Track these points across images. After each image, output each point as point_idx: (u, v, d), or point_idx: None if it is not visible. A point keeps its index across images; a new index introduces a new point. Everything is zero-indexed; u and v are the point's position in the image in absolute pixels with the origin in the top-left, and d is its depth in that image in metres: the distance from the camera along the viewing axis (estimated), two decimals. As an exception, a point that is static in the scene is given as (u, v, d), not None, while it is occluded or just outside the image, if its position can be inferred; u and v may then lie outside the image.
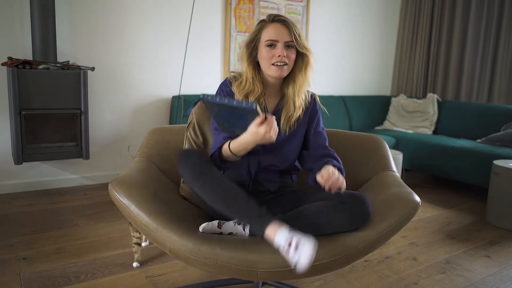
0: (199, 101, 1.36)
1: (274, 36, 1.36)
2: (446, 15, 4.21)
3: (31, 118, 2.57)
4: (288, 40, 1.36)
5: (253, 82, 1.41)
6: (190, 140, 1.65)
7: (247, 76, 1.43)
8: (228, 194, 1.25)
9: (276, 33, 1.36)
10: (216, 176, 1.27)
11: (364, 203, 1.24)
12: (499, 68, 3.83)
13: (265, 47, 1.38)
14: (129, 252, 1.98)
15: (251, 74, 1.42)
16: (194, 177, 1.27)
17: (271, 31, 1.37)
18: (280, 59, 1.35)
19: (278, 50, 1.36)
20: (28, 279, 1.68)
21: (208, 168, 1.28)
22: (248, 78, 1.42)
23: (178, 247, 1.20)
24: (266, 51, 1.37)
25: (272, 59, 1.36)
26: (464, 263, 2.04)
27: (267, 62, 1.38)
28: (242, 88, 1.42)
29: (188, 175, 1.28)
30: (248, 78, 1.42)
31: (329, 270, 1.21)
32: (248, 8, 3.50)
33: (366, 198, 1.26)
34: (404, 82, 4.59)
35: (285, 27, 1.37)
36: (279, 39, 1.36)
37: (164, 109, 3.27)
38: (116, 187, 1.34)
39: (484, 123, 3.61)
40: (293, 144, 1.49)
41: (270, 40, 1.36)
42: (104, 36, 2.94)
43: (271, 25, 1.38)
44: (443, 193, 3.31)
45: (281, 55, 1.35)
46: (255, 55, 1.43)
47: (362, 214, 1.24)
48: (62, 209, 2.54)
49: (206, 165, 1.29)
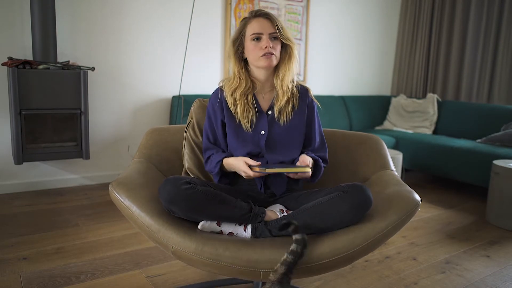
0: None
1: (258, 29, 1.41)
2: (446, 15, 4.21)
3: (31, 118, 2.57)
4: (272, 31, 1.41)
5: (240, 77, 1.47)
6: (190, 140, 1.65)
7: (234, 72, 1.49)
8: (217, 203, 1.28)
9: (260, 26, 1.41)
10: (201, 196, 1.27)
11: (365, 191, 1.24)
12: (499, 68, 3.83)
13: (251, 42, 1.43)
14: (129, 252, 1.98)
15: (237, 69, 1.48)
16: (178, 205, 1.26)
17: (255, 25, 1.42)
18: (267, 50, 1.40)
19: (264, 42, 1.40)
20: (28, 279, 1.68)
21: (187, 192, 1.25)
22: (235, 74, 1.48)
23: (181, 248, 1.19)
24: (253, 45, 1.42)
25: (260, 51, 1.41)
26: (464, 263, 2.04)
27: (255, 55, 1.42)
28: (230, 84, 1.48)
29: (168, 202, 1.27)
30: (235, 73, 1.48)
31: (331, 269, 1.21)
32: (248, 8, 3.50)
33: (365, 186, 1.26)
34: (404, 82, 4.59)
35: (267, 20, 1.42)
36: (264, 32, 1.41)
37: (164, 109, 3.27)
38: (117, 188, 1.34)
39: (484, 123, 3.61)
40: (295, 134, 1.50)
41: (255, 33, 1.41)
42: (104, 36, 2.94)
43: (254, 19, 1.44)
44: (443, 193, 3.31)
45: (267, 45, 1.39)
46: (241, 51, 1.48)
47: (364, 201, 1.23)
48: (62, 209, 2.54)
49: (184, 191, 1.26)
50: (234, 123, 1.48)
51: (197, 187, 1.26)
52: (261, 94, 1.52)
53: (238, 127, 1.47)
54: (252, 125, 1.46)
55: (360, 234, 1.21)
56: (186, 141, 1.65)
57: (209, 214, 1.28)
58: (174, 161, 1.67)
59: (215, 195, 1.28)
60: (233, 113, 1.47)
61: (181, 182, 1.25)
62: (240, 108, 1.45)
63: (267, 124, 1.48)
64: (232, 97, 1.47)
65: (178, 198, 1.23)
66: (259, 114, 1.48)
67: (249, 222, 1.31)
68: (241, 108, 1.45)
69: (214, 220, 1.30)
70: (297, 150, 1.51)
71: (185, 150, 1.65)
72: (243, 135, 1.47)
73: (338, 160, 1.69)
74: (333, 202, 1.24)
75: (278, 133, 1.48)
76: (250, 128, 1.46)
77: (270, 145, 1.47)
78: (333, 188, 1.31)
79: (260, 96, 1.52)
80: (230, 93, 1.47)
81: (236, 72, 1.48)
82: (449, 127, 3.89)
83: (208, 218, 1.29)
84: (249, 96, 1.48)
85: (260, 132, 1.47)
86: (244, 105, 1.45)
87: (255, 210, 1.32)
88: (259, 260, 1.15)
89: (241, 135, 1.47)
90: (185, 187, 1.24)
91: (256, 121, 1.47)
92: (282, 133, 1.47)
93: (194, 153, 1.63)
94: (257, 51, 1.41)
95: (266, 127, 1.47)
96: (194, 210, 1.26)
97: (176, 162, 1.67)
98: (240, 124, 1.47)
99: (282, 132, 1.47)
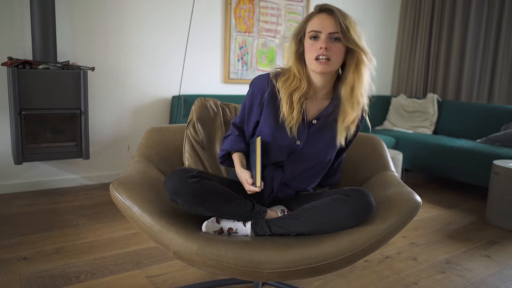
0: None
1: (317, 27, 1.24)
2: (446, 15, 4.20)
3: (31, 118, 2.57)
4: (332, 31, 1.23)
5: (301, 78, 1.30)
6: (190, 138, 1.65)
7: (293, 71, 1.32)
8: (220, 200, 1.27)
9: (320, 24, 1.24)
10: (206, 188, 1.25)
11: (367, 195, 1.22)
12: (499, 68, 3.83)
13: (308, 40, 1.27)
14: (129, 252, 1.98)
15: (297, 69, 1.31)
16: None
17: (315, 22, 1.26)
18: (321, 52, 1.22)
19: (320, 42, 1.23)
20: (28, 279, 1.68)
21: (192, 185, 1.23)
22: (295, 74, 1.31)
23: (183, 249, 1.19)
24: (309, 43, 1.27)
25: (314, 53, 1.24)
26: (464, 263, 2.04)
27: (310, 56, 1.26)
28: (289, 85, 1.31)
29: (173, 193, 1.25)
30: (296, 73, 1.31)
31: (333, 270, 1.21)
32: (248, 8, 3.50)
33: (368, 191, 1.25)
34: (404, 82, 4.59)
35: (331, 17, 1.24)
36: (322, 30, 1.23)
37: (164, 109, 3.27)
38: (118, 188, 1.33)
39: (484, 123, 3.61)
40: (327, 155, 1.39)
41: (313, 31, 1.25)
42: (104, 36, 2.94)
43: (317, 15, 1.27)
44: (443, 193, 3.31)
45: (322, 47, 1.22)
46: (302, 50, 1.32)
47: (365, 206, 1.21)
48: (62, 209, 2.54)
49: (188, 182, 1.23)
50: (276, 123, 1.34)
51: (202, 181, 1.23)
52: (311, 101, 1.36)
53: (278, 128, 1.34)
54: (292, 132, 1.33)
55: (362, 235, 1.21)
56: (187, 139, 1.65)
57: (212, 209, 1.27)
58: (174, 160, 1.67)
59: (220, 190, 1.27)
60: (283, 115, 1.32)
61: (188, 175, 1.21)
62: (289, 109, 1.29)
63: (306, 135, 1.35)
64: (289, 99, 1.30)
65: (183, 190, 1.20)
66: (302, 121, 1.34)
67: (250, 219, 1.31)
68: (290, 110, 1.29)
69: (217, 215, 1.29)
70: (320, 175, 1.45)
71: (186, 149, 1.65)
72: (279, 139, 1.35)
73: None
74: (335, 205, 1.22)
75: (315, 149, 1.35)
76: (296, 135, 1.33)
77: (297, 157, 1.37)
78: (335, 190, 1.30)
79: (310, 103, 1.35)
80: (287, 95, 1.30)
81: (296, 72, 1.31)
82: (449, 127, 3.89)
83: (210, 212, 1.27)
84: (301, 101, 1.31)
85: (296, 142, 1.36)
86: (294, 108, 1.29)
87: (257, 209, 1.31)
88: (261, 261, 1.15)
89: (277, 138, 1.35)
90: (191, 180, 1.21)
91: (297, 129, 1.33)
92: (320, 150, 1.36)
93: (195, 151, 1.63)
94: (312, 51, 1.25)
95: (304, 138, 1.35)
96: (198, 203, 1.23)
97: (176, 161, 1.67)
98: (282, 126, 1.34)
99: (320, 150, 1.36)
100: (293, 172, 1.40)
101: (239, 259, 1.16)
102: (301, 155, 1.37)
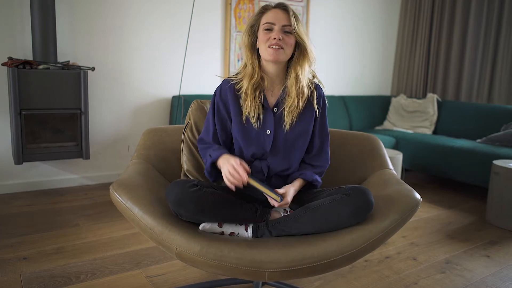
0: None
1: (271, 19, 1.37)
2: (446, 15, 4.21)
3: (31, 118, 2.57)
4: (285, 23, 1.37)
5: (253, 66, 1.41)
6: (188, 142, 1.64)
7: (246, 61, 1.44)
8: (221, 206, 1.28)
9: (274, 17, 1.37)
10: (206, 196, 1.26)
11: (367, 194, 1.24)
12: (499, 68, 3.83)
13: (262, 31, 1.39)
14: (129, 252, 1.98)
15: (250, 60, 1.42)
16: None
17: (270, 15, 1.39)
18: (275, 42, 1.35)
19: (274, 33, 1.36)
20: (28, 279, 1.68)
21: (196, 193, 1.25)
22: (248, 63, 1.43)
23: (185, 249, 1.19)
24: (263, 33, 1.38)
25: (268, 42, 1.36)
26: (464, 263, 2.04)
27: (264, 45, 1.37)
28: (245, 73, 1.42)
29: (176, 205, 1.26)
30: (249, 62, 1.43)
31: (334, 269, 1.21)
32: (248, 8, 3.50)
33: (368, 190, 1.26)
34: (404, 82, 4.59)
35: (284, 12, 1.38)
36: (276, 22, 1.36)
37: (164, 109, 3.27)
38: (118, 189, 1.33)
39: (484, 123, 3.61)
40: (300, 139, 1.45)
41: (267, 23, 1.37)
42: (104, 36, 2.94)
43: (272, 10, 1.40)
44: (443, 193, 3.31)
45: (276, 37, 1.35)
46: (255, 41, 1.44)
47: (365, 205, 1.23)
48: (62, 209, 2.54)
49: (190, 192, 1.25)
50: (240, 118, 1.42)
51: (204, 189, 1.25)
52: (269, 91, 1.45)
53: (246, 122, 1.42)
54: (260, 123, 1.41)
55: (363, 233, 1.22)
56: (185, 143, 1.65)
57: (216, 216, 1.28)
58: (172, 162, 1.67)
59: (222, 196, 1.28)
60: (242, 107, 1.41)
61: (189, 185, 1.24)
62: (249, 100, 1.39)
63: (273, 123, 1.42)
64: (245, 91, 1.40)
65: (186, 200, 1.22)
66: (265, 111, 1.42)
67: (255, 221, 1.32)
68: (250, 101, 1.39)
69: (221, 221, 1.30)
70: (299, 157, 1.48)
71: (184, 152, 1.64)
72: (248, 133, 1.42)
73: (336, 160, 1.69)
74: (335, 204, 1.24)
75: (283, 135, 1.42)
76: (257, 125, 1.40)
77: (275, 148, 1.42)
78: (334, 189, 1.31)
79: (268, 93, 1.45)
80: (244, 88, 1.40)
81: (250, 62, 1.42)
82: (449, 127, 3.89)
83: (214, 219, 1.29)
84: (258, 90, 1.41)
85: (266, 131, 1.42)
86: (253, 98, 1.39)
87: (260, 212, 1.32)
88: (263, 260, 1.16)
89: (246, 133, 1.42)
90: (192, 189, 1.23)
91: (262, 118, 1.41)
92: (287, 135, 1.42)
93: (193, 155, 1.63)
94: (266, 41, 1.36)
95: (272, 126, 1.42)
96: (201, 212, 1.25)
97: (174, 162, 1.67)
98: (247, 120, 1.41)
99: (288, 134, 1.42)
100: (278, 160, 1.43)
101: (241, 259, 1.16)
102: (277, 145, 1.42)
